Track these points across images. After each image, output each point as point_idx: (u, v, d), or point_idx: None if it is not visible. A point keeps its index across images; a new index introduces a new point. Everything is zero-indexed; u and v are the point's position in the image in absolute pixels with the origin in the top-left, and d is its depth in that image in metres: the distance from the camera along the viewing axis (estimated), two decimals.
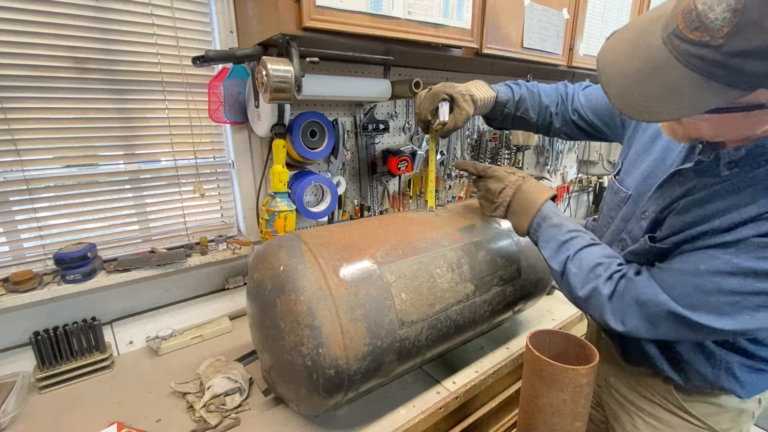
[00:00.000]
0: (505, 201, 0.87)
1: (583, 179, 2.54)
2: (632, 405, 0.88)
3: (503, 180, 0.88)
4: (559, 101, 1.01)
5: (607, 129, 0.96)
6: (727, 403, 0.76)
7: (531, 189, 0.84)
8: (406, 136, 1.63)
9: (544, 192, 0.83)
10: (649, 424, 0.84)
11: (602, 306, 0.69)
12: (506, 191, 0.87)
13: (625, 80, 0.53)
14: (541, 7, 1.42)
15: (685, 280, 0.61)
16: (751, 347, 0.71)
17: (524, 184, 0.85)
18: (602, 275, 0.70)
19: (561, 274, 0.75)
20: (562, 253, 0.76)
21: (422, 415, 0.89)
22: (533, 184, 0.86)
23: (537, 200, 0.82)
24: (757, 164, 0.59)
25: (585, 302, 0.72)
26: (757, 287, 0.56)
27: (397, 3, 1.04)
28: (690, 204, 0.66)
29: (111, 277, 1.08)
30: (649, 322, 0.65)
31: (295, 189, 1.25)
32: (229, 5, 1.17)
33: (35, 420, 0.89)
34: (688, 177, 0.68)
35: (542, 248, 0.80)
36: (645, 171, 0.79)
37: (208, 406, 0.89)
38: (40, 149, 1.01)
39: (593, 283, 0.70)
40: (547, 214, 0.80)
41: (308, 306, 0.71)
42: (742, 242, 0.57)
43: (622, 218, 0.82)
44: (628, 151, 0.86)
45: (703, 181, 0.65)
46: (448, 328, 0.88)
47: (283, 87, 0.98)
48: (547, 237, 0.79)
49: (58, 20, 0.97)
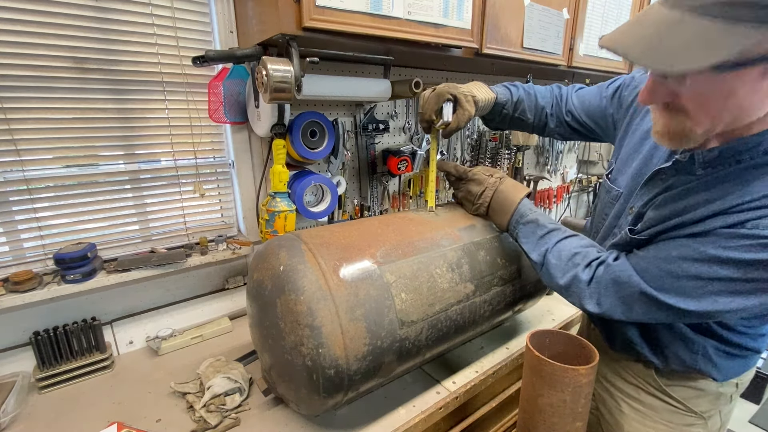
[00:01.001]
0: (486, 202, 0.95)
1: (583, 179, 2.54)
2: (617, 390, 0.92)
3: (483, 183, 0.96)
4: (554, 102, 1.04)
5: (599, 129, 1.00)
6: (706, 386, 0.81)
7: (508, 189, 0.92)
8: (406, 136, 1.63)
9: (520, 191, 0.91)
10: (633, 407, 0.89)
11: (581, 291, 0.74)
12: (486, 193, 0.95)
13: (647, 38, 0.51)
14: (541, 7, 1.42)
15: (658, 264, 0.66)
16: (725, 333, 0.75)
17: (501, 185, 0.93)
18: (580, 264, 0.76)
19: (541, 265, 0.82)
20: (541, 246, 0.82)
21: (422, 415, 0.89)
22: (510, 184, 0.93)
23: (514, 199, 0.90)
24: (729, 164, 0.63)
25: (566, 290, 0.78)
26: (720, 273, 0.60)
27: (397, 3, 1.04)
28: (667, 199, 0.70)
29: (111, 277, 1.08)
30: (624, 303, 0.70)
31: (295, 189, 1.25)
32: (229, 5, 1.17)
33: (35, 420, 0.89)
34: (668, 175, 0.72)
35: (522, 243, 0.87)
36: (634, 170, 0.82)
37: (208, 406, 0.89)
38: (40, 149, 1.01)
39: (573, 272, 0.76)
40: (524, 212, 0.88)
41: (308, 306, 0.71)
42: (710, 233, 0.62)
43: (614, 215, 0.86)
44: (620, 151, 0.89)
45: (680, 179, 0.70)
46: (448, 328, 0.88)
47: (283, 87, 0.98)
48: (526, 232, 0.86)
49: (58, 20, 0.97)
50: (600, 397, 0.97)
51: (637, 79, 0.89)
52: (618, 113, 0.92)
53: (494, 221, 0.96)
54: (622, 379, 0.90)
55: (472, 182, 0.98)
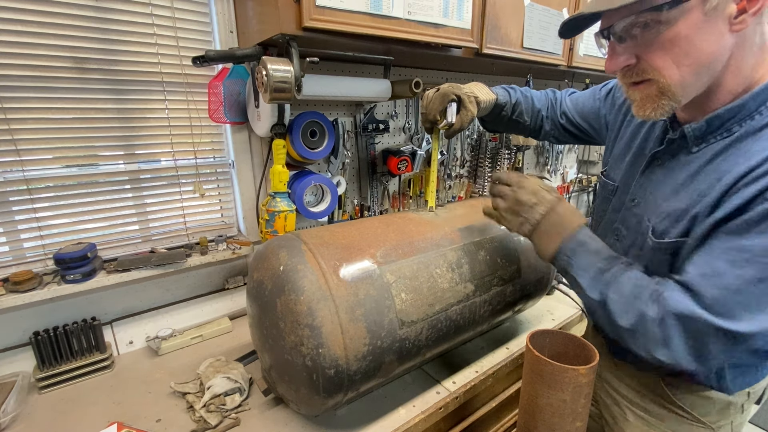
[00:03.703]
0: (535, 218, 0.78)
1: (583, 179, 2.54)
2: (623, 398, 0.89)
3: (537, 194, 0.79)
4: (549, 105, 1.07)
5: (591, 131, 1.02)
6: (716, 396, 0.77)
7: (566, 212, 0.77)
8: (406, 136, 1.63)
9: (579, 217, 0.77)
10: (638, 415, 0.86)
11: (649, 333, 0.62)
12: (538, 208, 0.77)
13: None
14: (541, 7, 1.42)
15: (711, 282, 0.57)
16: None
17: (559, 206, 0.78)
18: (645, 297, 0.63)
19: (602, 303, 0.68)
20: (601, 280, 0.69)
21: (422, 415, 0.89)
22: (568, 207, 0.79)
23: (572, 223, 0.75)
24: (721, 135, 0.64)
25: (630, 334, 0.64)
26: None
27: (397, 3, 1.04)
28: (676, 187, 0.69)
29: (111, 277, 1.08)
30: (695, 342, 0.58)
31: (295, 189, 1.25)
32: (229, 5, 1.17)
33: (35, 420, 0.89)
34: (664, 159, 0.73)
35: (578, 276, 0.71)
36: (628, 163, 0.83)
37: (208, 406, 0.89)
38: (40, 149, 1.01)
39: (638, 309, 0.63)
40: (585, 240, 0.73)
41: (308, 306, 0.71)
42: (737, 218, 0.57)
43: (612, 209, 0.86)
44: (613, 149, 0.91)
45: (678, 161, 0.70)
46: (448, 328, 0.88)
47: (283, 87, 0.98)
48: (584, 264, 0.71)
49: (58, 20, 0.97)
50: (604, 404, 0.95)
51: None
52: (610, 114, 0.94)
53: (538, 244, 0.79)
54: (629, 387, 0.87)
55: (523, 190, 0.80)
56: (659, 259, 0.70)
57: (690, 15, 0.56)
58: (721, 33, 0.57)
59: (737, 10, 0.55)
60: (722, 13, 0.55)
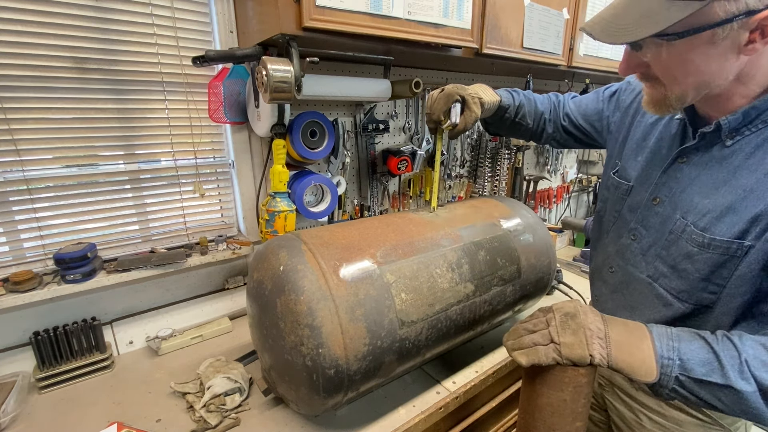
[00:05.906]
0: (601, 331, 0.62)
1: (583, 179, 2.54)
2: (637, 402, 0.88)
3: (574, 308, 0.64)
4: (551, 108, 1.07)
5: (595, 133, 1.01)
6: None
7: (620, 322, 0.64)
8: (406, 136, 1.63)
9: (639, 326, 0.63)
10: (654, 420, 0.85)
11: None
12: (596, 320, 0.63)
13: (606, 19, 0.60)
14: (541, 7, 1.42)
15: None
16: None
17: (613, 325, 0.63)
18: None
19: (759, 392, 0.54)
20: (734, 361, 0.56)
21: (422, 415, 0.89)
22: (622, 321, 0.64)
23: (635, 324, 0.63)
24: (756, 126, 0.63)
25: None
26: None
27: (397, 3, 1.04)
28: (715, 183, 0.67)
29: (111, 277, 1.08)
30: None
31: (295, 189, 1.26)
32: (229, 5, 1.17)
33: (35, 420, 0.89)
34: (692, 155, 0.71)
35: (707, 376, 0.56)
36: (643, 162, 0.82)
37: (208, 406, 0.89)
38: (40, 149, 1.01)
39: None
40: (678, 333, 0.60)
41: (308, 306, 0.71)
42: None
43: (628, 209, 0.83)
44: (624, 148, 0.89)
45: (711, 156, 0.68)
46: (448, 328, 0.88)
47: (283, 87, 0.98)
48: (700, 360, 0.57)
49: (58, 20, 0.97)
50: (616, 410, 0.93)
51: (633, 83, 0.91)
52: (615, 115, 0.94)
53: (627, 362, 0.60)
54: (643, 391, 0.86)
55: (560, 311, 0.65)
56: (703, 258, 0.66)
57: (697, 43, 0.56)
58: (727, 58, 0.57)
59: (749, 39, 0.55)
60: (733, 41, 0.55)
